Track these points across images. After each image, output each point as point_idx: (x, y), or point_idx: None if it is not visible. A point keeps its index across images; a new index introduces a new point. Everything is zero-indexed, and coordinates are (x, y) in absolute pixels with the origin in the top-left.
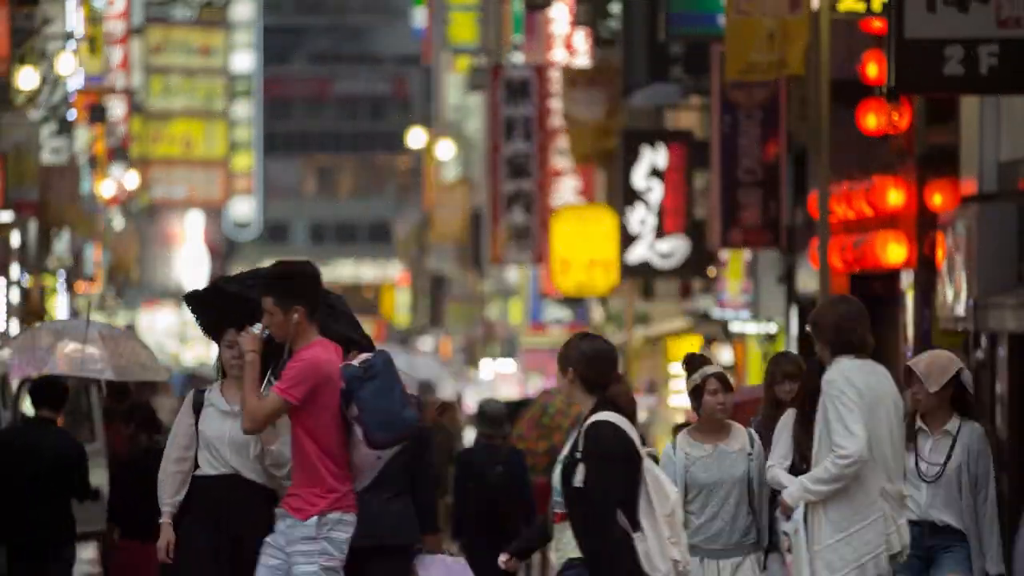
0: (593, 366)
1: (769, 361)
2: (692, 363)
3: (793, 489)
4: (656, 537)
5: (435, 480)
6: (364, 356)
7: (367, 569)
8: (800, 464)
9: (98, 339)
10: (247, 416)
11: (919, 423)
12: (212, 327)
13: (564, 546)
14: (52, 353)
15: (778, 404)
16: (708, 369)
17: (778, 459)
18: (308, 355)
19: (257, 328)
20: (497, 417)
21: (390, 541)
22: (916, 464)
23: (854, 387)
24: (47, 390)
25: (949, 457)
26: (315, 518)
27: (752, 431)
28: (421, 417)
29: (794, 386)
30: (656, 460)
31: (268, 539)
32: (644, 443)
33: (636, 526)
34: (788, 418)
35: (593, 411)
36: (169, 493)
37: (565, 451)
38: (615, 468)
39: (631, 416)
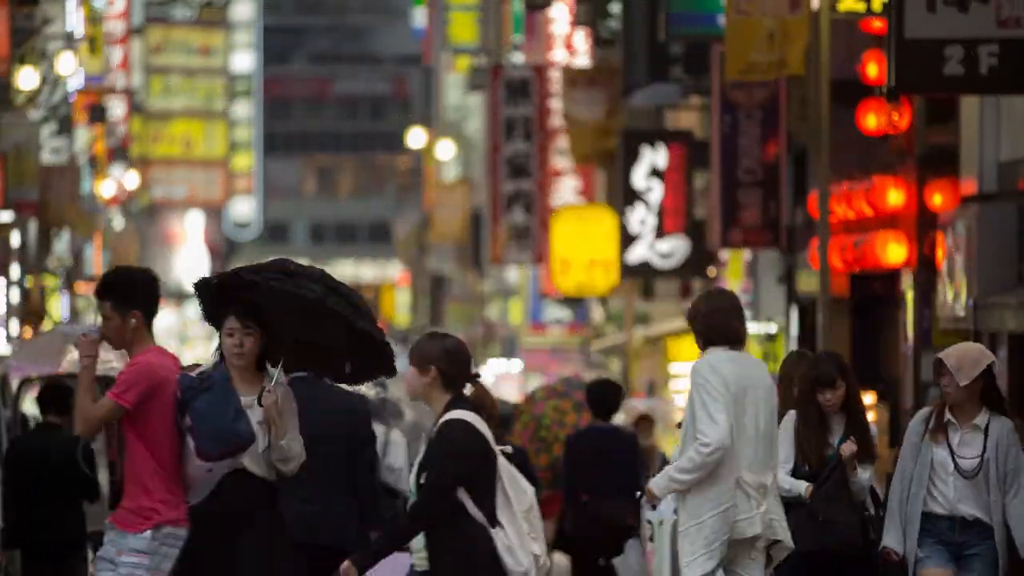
0: (455, 363)
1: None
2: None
3: (660, 479)
4: (516, 532)
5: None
6: (202, 368)
7: (311, 569)
8: (803, 466)
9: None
10: (79, 418)
11: (947, 416)
12: (215, 315)
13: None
14: (62, 354)
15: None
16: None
17: (780, 463)
18: (142, 360)
19: (95, 332)
20: (504, 418)
21: (329, 541)
22: (952, 459)
23: (719, 376)
24: (53, 395)
25: (984, 451)
26: (149, 531)
27: None
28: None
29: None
30: (509, 458)
31: (100, 552)
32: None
33: (494, 522)
34: (789, 420)
35: (447, 409)
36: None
37: (422, 453)
38: (467, 466)
39: (494, 417)
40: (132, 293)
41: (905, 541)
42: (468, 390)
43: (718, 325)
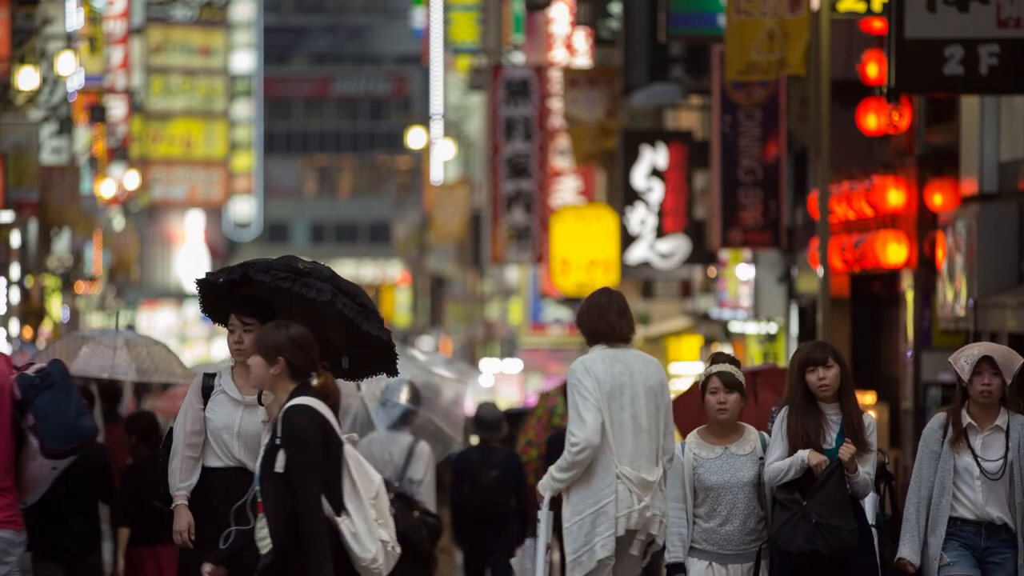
0: (301, 353)
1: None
2: (714, 362)
3: (545, 479)
4: (363, 519)
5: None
6: (39, 365)
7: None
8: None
9: (124, 345)
10: None
11: (967, 419)
12: (216, 310)
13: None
14: (75, 358)
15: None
16: (712, 368)
17: (775, 458)
18: None
19: None
20: (493, 421)
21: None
22: (976, 462)
23: (591, 376)
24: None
25: (1007, 452)
26: None
27: (764, 435)
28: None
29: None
30: (508, 464)
31: None
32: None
33: (341, 509)
34: (782, 415)
35: (291, 397)
36: (181, 478)
37: (265, 439)
38: (314, 452)
39: (337, 406)
40: None
41: (926, 549)
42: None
43: (598, 324)
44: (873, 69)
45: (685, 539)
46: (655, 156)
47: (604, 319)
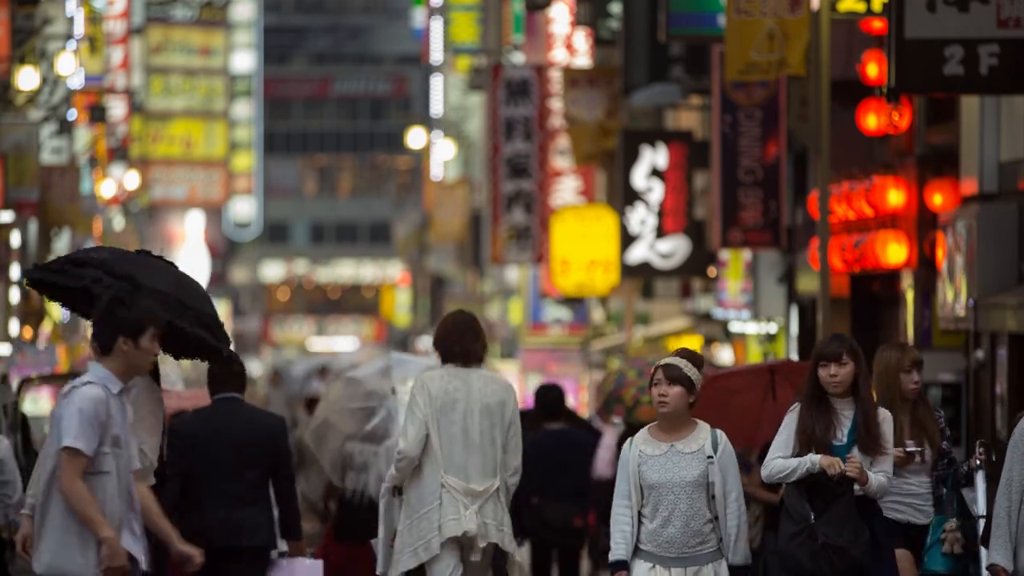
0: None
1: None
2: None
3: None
4: None
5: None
6: None
7: (227, 570)
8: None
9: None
10: None
11: None
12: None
13: None
14: None
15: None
16: (659, 359)
17: (777, 454)
18: None
19: None
20: (549, 404)
21: (247, 543)
22: None
23: (425, 392)
24: None
25: None
26: None
27: (718, 432)
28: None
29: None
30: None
31: None
32: None
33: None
34: (793, 413)
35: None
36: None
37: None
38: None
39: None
40: None
41: (1018, 554)
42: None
43: (455, 347)
44: (873, 69)
45: (628, 537)
46: (655, 156)
47: (461, 342)
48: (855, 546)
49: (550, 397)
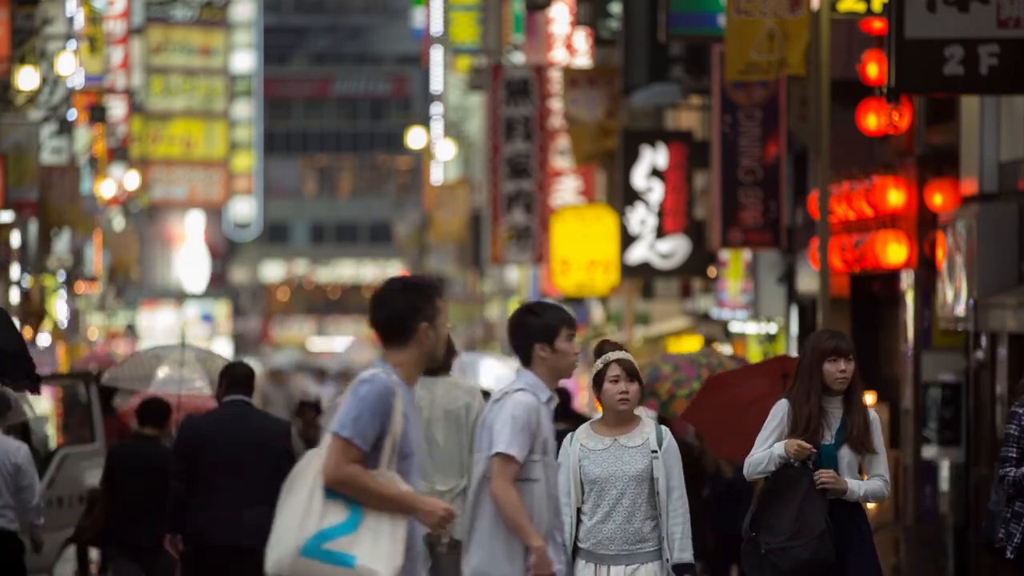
0: None
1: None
2: (600, 350)
3: None
4: None
5: None
6: None
7: (230, 569)
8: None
9: (193, 360)
10: None
11: None
12: None
13: None
14: (153, 377)
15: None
16: (611, 355)
17: (759, 450)
18: None
19: None
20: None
21: (251, 543)
22: None
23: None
24: (152, 409)
25: None
26: None
27: (663, 428)
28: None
29: None
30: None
31: None
32: None
33: None
34: (779, 409)
35: None
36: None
37: None
38: None
39: None
40: None
41: None
42: None
43: None
44: (873, 69)
45: (568, 535)
46: (655, 156)
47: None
48: (805, 537)
49: (559, 399)
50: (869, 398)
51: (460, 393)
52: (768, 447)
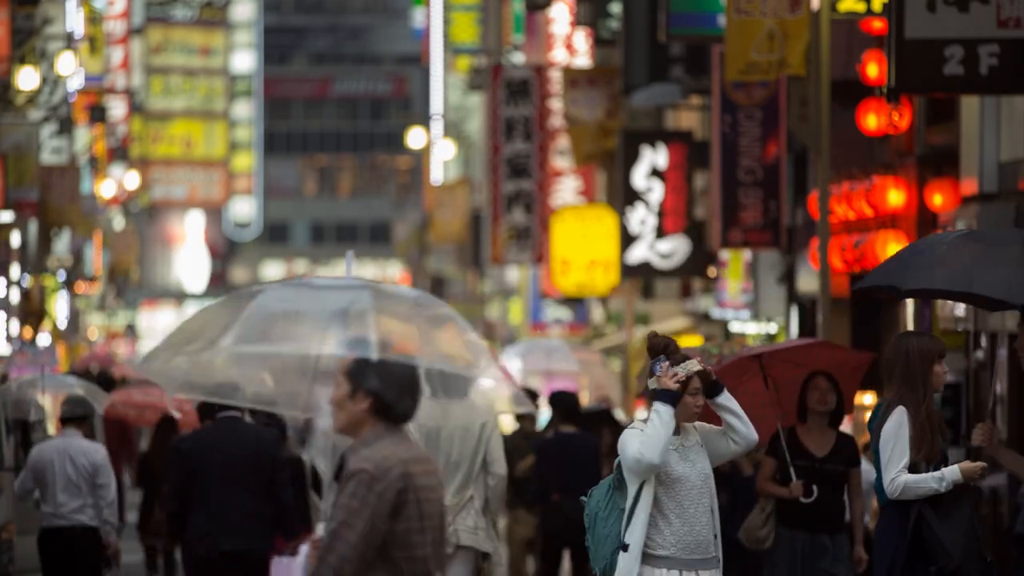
0: None
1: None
2: (663, 349)
3: None
4: None
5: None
6: None
7: (228, 573)
8: (922, 464)
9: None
10: None
11: None
12: None
13: None
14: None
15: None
16: (692, 366)
17: (901, 468)
18: None
19: None
20: (568, 408)
21: (247, 547)
22: None
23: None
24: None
25: None
26: None
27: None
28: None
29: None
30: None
31: None
32: None
33: None
34: (901, 416)
35: None
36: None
37: None
38: None
39: None
40: None
41: None
42: None
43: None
44: (873, 69)
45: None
46: (655, 156)
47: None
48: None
49: (566, 402)
50: (869, 398)
51: (474, 413)
52: (906, 462)
